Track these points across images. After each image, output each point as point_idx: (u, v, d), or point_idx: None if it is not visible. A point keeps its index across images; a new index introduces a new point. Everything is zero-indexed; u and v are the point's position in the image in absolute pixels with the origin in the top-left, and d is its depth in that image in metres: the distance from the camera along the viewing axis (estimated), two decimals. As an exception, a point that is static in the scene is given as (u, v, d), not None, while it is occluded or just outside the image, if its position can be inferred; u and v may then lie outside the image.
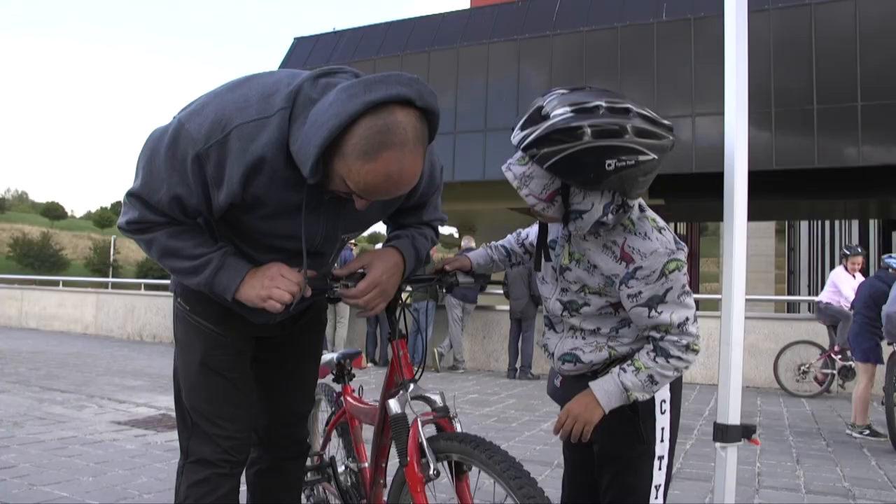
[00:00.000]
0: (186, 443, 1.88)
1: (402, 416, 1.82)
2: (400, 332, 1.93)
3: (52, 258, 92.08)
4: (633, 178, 1.53)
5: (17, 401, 6.12)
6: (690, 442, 5.21)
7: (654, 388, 1.69)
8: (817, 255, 32.05)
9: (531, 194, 1.62)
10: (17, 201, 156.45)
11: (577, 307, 1.79)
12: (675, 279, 1.64)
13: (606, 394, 1.70)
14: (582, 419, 1.71)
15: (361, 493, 2.44)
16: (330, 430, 2.64)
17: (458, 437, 1.71)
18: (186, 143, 1.49)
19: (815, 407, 7.44)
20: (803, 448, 5.23)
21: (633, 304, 1.67)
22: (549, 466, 4.31)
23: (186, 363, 1.88)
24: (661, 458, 1.77)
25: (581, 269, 1.75)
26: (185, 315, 1.87)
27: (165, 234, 1.61)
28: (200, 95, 1.60)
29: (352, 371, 2.52)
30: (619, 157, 1.48)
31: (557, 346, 1.87)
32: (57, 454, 4.26)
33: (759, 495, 3.86)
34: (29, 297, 16.43)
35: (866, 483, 4.26)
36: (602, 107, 1.49)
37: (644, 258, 1.63)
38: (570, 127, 1.48)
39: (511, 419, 6.09)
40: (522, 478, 1.55)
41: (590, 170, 1.50)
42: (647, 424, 1.76)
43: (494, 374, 9.68)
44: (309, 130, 1.42)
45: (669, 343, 1.66)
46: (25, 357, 9.80)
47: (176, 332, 1.92)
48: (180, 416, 1.91)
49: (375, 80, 1.39)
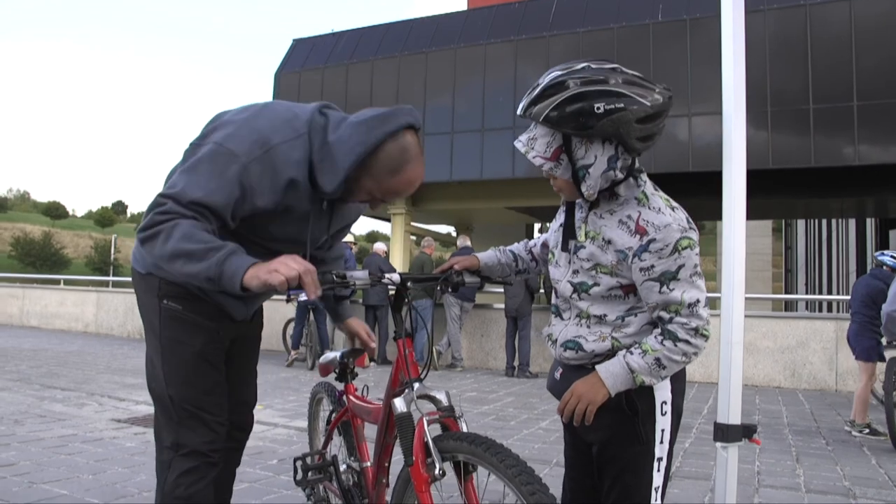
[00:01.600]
0: (174, 436, 1.95)
1: (407, 415, 1.82)
2: (406, 332, 1.93)
3: (53, 257, 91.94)
4: (626, 122, 1.59)
5: (17, 398, 6.12)
6: (689, 440, 5.21)
7: (663, 372, 1.67)
8: (814, 254, 32.08)
9: (538, 155, 1.71)
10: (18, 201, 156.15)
11: (586, 288, 1.78)
12: (687, 256, 1.64)
13: (612, 375, 1.69)
14: (585, 399, 1.70)
15: (363, 493, 2.44)
16: (332, 429, 2.63)
17: (465, 437, 1.70)
18: (228, 159, 1.75)
19: (815, 405, 7.45)
20: (803, 447, 5.24)
21: (646, 277, 1.66)
22: (548, 465, 4.32)
23: (179, 358, 1.97)
24: (661, 459, 1.77)
25: (595, 247, 1.76)
26: (178, 314, 1.98)
27: (190, 223, 1.72)
28: (222, 122, 1.84)
29: (355, 370, 2.52)
30: (607, 100, 1.58)
31: (562, 332, 1.86)
32: (57, 452, 4.26)
33: (759, 494, 3.87)
34: (30, 296, 16.42)
35: (866, 482, 4.26)
36: (590, 66, 1.64)
37: (658, 231, 1.65)
38: (557, 82, 1.63)
39: (510, 417, 6.10)
40: (534, 483, 1.54)
41: (580, 114, 1.60)
42: (647, 426, 1.75)
43: (493, 373, 9.69)
44: (336, 156, 1.80)
45: (678, 326, 1.65)
46: (26, 355, 9.80)
47: (160, 333, 1.98)
48: (165, 413, 1.98)
49: (388, 114, 1.82)
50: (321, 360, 2.59)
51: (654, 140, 1.67)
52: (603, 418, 1.74)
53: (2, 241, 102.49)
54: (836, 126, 14.30)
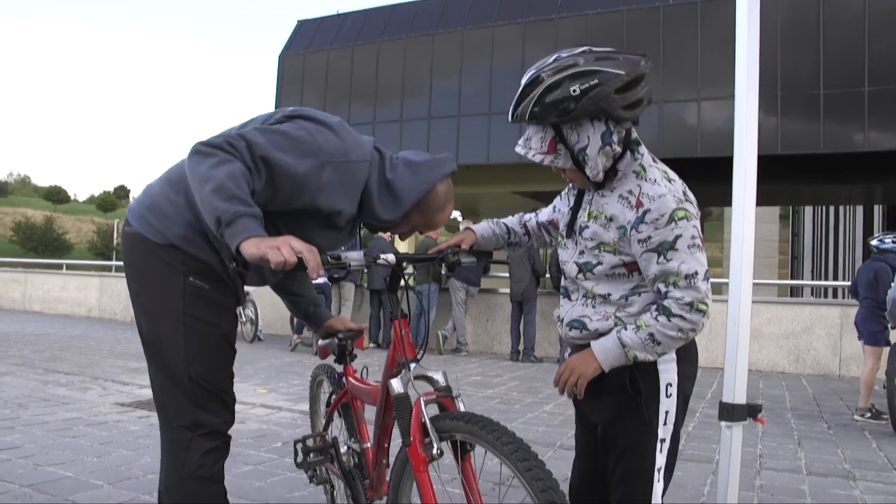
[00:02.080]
0: (193, 416, 1.91)
1: (404, 395, 1.83)
2: (402, 312, 1.93)
3: (55, 242, 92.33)
4: (604, 96, 1.61)
5: (21, 382, 6.16)
6: (693, 424, 5.22)
7: (658, 348, 1.67)
8: (821, 241, 32.01)
9: (536, 152, 1.73)
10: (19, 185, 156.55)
11: (591, 267, 1.80)
12: (683, 227, 1.64)
13: (604, 349, 1.71)
14: (577, 371, 1.74)
15: (364, 474, 2.44)
16: (332, 411, 2.63)
17: (462, 416, 1.70)
18: (312, 149, 1.85)
19: (817, 390, 7.44)
20: (805, 430, 5.24)
21: (644, 248, 1.67)
22: (552, 448, 4.33)
23: (204, 339, 1.93)
24: (664, 441, 1.77)
25: (598, 225, 1.77)
26: (205, 293, 1.93)
27: (244, 170, 1.74)
28: (308, 114, 1.96)
29: (353, 351, 2.51)
30: (580, 82, 1.61)
31: (568, 312, 1.88)
32: (61, 435, 4.28)
33: (761, 476, 3.87)
34: (32, 281, 16.49)
35: (866, 465, 4.27)
36: (560, 56, 1.67)
37: (652, 201, 1.66)
38: (532, 79, 1.67)
39: (514, 401, 6.11)
40: (531, 460, 1.54)
41: (560, 103, 1.63)
42: (650, 407, 1.76)
43: (497, 357, 9.70)
44: (400, 191, 2.00)
45: (672, 301, 1.65)
46: (29, 340, 9.85)
47: (183, 310, 1.91)
48: (181, 392, 1.92)
49: (441, 160, 2.07)
50: (320, 343, 2.58)
51: (642, 106, 1.68)
52: (607, 399, 1.76)
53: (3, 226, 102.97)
54: (847, 112, 14.21)
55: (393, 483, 1.92)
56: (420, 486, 1.73)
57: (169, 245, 1.91)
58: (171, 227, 1.91)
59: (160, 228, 1.92)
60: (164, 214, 1.93)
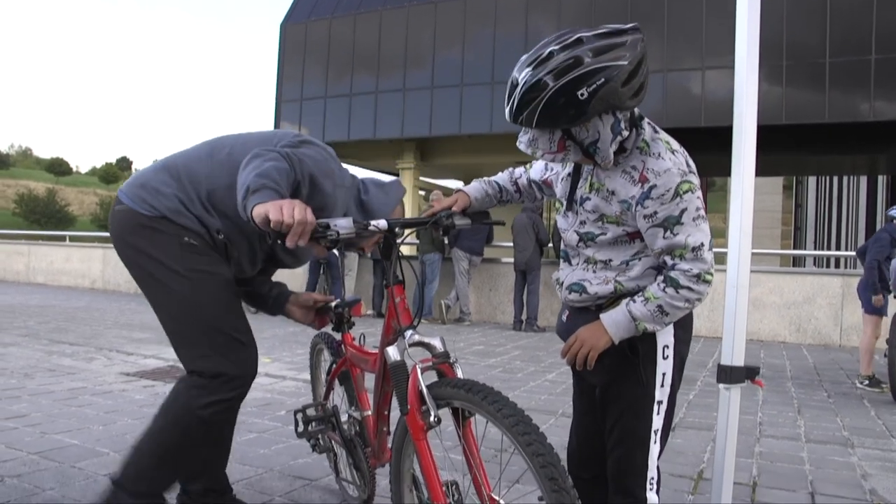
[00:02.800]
0: (216, 367, 2.02)
1: (401, 363, 1.82)
2: (396, 278, 1.92)
3: (58, 214, 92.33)
4: (612, 92, 1.56)
5: (27, 353, 6.20)
6: (693, 392, 5.25)
7: (666, 318, 1.70)
8: (824, 212, 31.88)
9: (545, 153, 1.70)
10: (20, 157, 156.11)
11: (593, 237, 1.80)
12: (689, 200, 1.64)
13: (615, 323, 1.73)
14: (588, 344, 1.75)
15: (366, 441, 2.46)
16: (332, 380, 2.65)
17: (460, 384, 1.70)
18: (330, 174, 2.11)
19: (818, 359, 7.48)
20: (805, 399, 5.27)
21: (650, 224, 1.67)
22: (554, 415, 4.36)
23: (212, 287, 2.07)
24: (661, 403, 1.79)
25: (599, 198, 1.77)
26: (199, 249, 2.08)
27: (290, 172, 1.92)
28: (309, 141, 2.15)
29: (351, 319, 2.52)
30: (587, 84, 1.55)
31: (568, 276, 1.89)
32: (67, 404, 4.32)
33: (760, 444, 3.91)
34: (36, 253, 16.54)
35: (865, 432, 4.30)
36: (554, 51, 1.58)
37: (658, 176, 1.65)
38: (533, 83, 1.58)
39: (516, 370, 6.15)
40: (532, 433, 1.53)
41: (568, 108, 1.58)
42: (648, 368, 1.77)
43: (500, 327, 9.74)
44: (375, 209, 2.27)
45: (679, 273, 1.66)
46: (34, 311, 9.90)
47: (185, 267, 2.04)
48: (206, 344, 2.03)
49: (397, 182, 2.43)
50: (317, 311, 2.58)
51: (646, 88, 1.65)
52: (606, 361, 1.77)
53: (5, 199, 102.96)
54: (853, 80, 14.03)
55: (395, 451, 1.93)
56: (419, 453, 1.74)
57: (160, 217, 2.06)
58: (163, 201, 2.06)
59: (152, 202, 2.07)
60: (157, 190, 2.08)
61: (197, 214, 2.08)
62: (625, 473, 1.82)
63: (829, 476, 3.37)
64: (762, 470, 3.43)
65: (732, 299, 1.50)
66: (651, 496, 1.80)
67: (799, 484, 3.23)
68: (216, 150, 2.17)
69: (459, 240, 9.70)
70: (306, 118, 20.42)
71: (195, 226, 2.08)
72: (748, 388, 1.82)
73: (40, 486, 2.82)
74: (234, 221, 2.09)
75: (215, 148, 2.18)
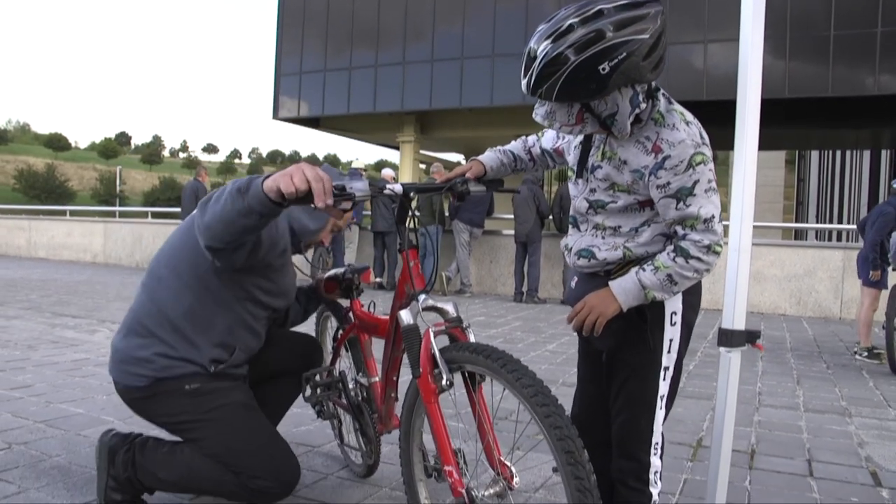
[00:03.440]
0: (265, 487, 2.10)
1: (414, 327, 1.83)
2: (410, 242, 1.91)
3: (57, 189, 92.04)
4: (633, 66, 1.55)
5: (30, 326, 6.24)
6: (694, 363, 5.29)
7: (675, 288, 1.71)
8: (827, 186, 31.81)
9: (562, 125, 1.69)
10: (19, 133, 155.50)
11: (603, 205, 1.81)
12: (701, 172, 1.65)
13: (624, 291, 1.73)
14: (597, 310, 1.75)
15: (372, 408, 2.48)
16: (339, 346, 2.66)
17: (470, 347, 1.71)
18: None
19: (818, 331, 7.52)
20: (804, 370, 5.31)
21: (662, 194, 1.68)
22: (555, 385, 4.39)
23: (234, 415, 2.14)
24: (667, 368, 1.80)
25: (611, 167, 1.77)
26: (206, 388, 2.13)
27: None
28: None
29: (360, 286, 2.53)
30: (608, 59, 1.53)
31: (577, 242, 1.90)
32: (71, 375, 4.35)
33: (759, 413, 3.94)
34: (37, 228, 16.54)
35: (862, 402, 4.34)
36: (574, 24, 1.54)
37: (672, 147, 1.65)
38: (553, 57, 1.55)
39: (517, 340, 6.18)
40: (550, 405, 1.54)
41: (589, 82, 1.56)
42: (655, 333, 1.78)
43: (501, 298, 9.78)
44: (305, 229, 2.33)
45: (690, 243, 1.67)
46: (36, 285, 9.93)
47: (203, 409, 2.11)
48: (249, 465, 2.09)
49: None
50: (326, 276, 2.59)
51: (665, 60, 1.63)
52: (613, 326, 1.77)
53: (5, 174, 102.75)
54: (858, 54, 13.90)
55: (406, 410, 1.95)
56: (430, 416, 1.75)
57: (155, 381, 2.11)
58: (148, 367, 2.11)
59: (140, 372, 2.12)
60: (137, 359, 2.12)
61: (185, 357, 2.12)
62: (630, 438, 1.84)
63: (826, 444, 3.40)
64: (761, 438, 3.46)
65: (734, 264, 1.51)
66: (654, 461, 1.82)
67: (796, 452, 3.26)
68: (155, 275, 2.20)
69: (460, 212, 9.71)
70: (305, 92, 20.30)
71: (188, 369, 2.12)
72: (748, 358, 1.83)
73: (47, 453, 2.86)
74: (228, 306, 2.16)
75: (153, 275, 2.21)
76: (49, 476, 2.60)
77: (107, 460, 2.20)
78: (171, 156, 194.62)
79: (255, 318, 2.23)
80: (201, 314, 2.12)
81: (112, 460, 2.19)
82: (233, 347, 2.19)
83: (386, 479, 2.69)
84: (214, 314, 2.13)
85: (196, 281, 2.10)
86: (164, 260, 2.19)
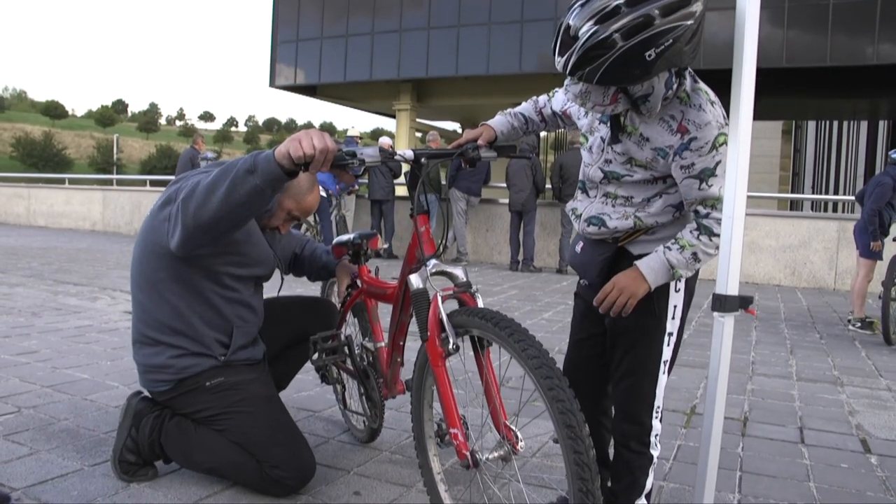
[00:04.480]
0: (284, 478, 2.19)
1: (423, 290, 1.86)
2: (421, 207, 1.91)
3: (55, 157, 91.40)
4: (678, 52, 1.53)
5: (32, 293, 6.27)
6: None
7: (697, 265, 1.74)
8: (823, 157, 31.77)
9: (595, 104, 1.66)
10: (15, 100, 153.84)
11: (618, 177, 1.81)
12: (723, 153, 1.66)
13: (652, 271, 1.75)
14: (628, 291, 1.75)
15: (378, 373, 2.51)
16: (345, 311, 2.69)
17: (477, 312, 1.73)
18: None
19: (812, 302, 7.60)
20: (797, 340, 5.39)
21: (685, 175, 1.70)
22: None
23: (256, 407, 2.25)
24: (671, 334, 1.84)
25: (631, 142, 1.76)
26: (226, 383, 2.24)
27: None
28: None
29: (368, 251, 2.55)
30: (655, 45, 1.49)
31: (587, 208, 1.90)
32: (75, 341, 4.40)
33: (752, 382, 4.02)
34: (36, 196, 16.50)
35: (854, 371, 4.42)
36: (621, 6, 1.49)
37: (699, 129, 1.66)
38: (600, 40, 1.50)
39: (513, 308, 6.25)
40: (554, 377, 1.56)
41: (634, 67, 1.52)
42: (661, 301, 1.82)
43: (497, 267, 9.83)
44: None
45: (713, 221, 1.70)
46: (37, 253, 9.95)
47: (226, 403, 2.22)
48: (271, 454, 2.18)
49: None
50: (335, 242, 2.61)
51: (701, 44, 1.62)
52: None
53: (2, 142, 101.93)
54: (857, 23, 13.79)
55: (418, 369, 1.98)
56: (437, 379, 1.78)
57: (177, 382, 2.24)
58: (168, 372, 2.23)
59: (161, 378, 2.25)
60: (155, 367, 2.25)
61: (195, 352, 2.23)
62: (633, 402, 1.88)
63: (817, 412, 3.48)
64: (753, 406, 3.53)
65: (728, 230, 1.55)
66: (656, 424, 1.87)
67: (788, 419, 3.34)
68: (135, 295, 2.31)
69: (457, 180, 9.72)
70: (302, 60, 20.12)
71: (205, 364, 2.23)
72: (742, 328, 1.88)
73: (55, 417, 2.91)
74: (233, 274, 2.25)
75: (133, 295, 2.32)
76: (59, 439, 2.66)
77: (130, 421, 2.28)
78: (168, 124, 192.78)
79: (239, 293, 2.30)
80: (188, 309, 2.21)
81: (137, 423, 2.28)
82: (229, 327, 2.28)
83: (386, 443, 2.75)
84: (198, 303, 2.22)
85: (169, 283, 2.20)
86: (135, 278, 2.30)
